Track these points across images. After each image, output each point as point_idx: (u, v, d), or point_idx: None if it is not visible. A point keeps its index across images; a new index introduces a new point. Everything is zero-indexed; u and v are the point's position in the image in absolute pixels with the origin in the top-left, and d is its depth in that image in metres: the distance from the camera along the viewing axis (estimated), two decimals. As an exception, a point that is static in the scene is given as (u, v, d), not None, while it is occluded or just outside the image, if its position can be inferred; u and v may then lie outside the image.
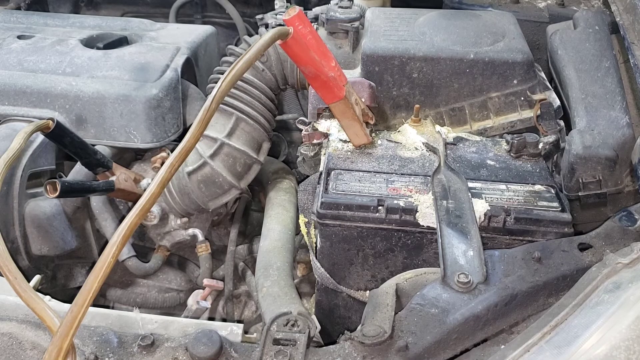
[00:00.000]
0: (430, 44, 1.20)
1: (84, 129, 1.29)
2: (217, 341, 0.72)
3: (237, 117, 1.25)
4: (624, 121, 1.06)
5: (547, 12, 1.50)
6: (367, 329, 0.73)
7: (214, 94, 0.64)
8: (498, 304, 0.75)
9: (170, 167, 0.61)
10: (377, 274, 1.00)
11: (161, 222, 1.32)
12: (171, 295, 1.38)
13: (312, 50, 0.93)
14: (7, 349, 0.74)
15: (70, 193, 1.12)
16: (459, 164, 1.05)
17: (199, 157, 1.25)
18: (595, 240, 0.85)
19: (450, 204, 0.91)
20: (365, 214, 0.94)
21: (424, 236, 0.95)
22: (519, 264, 0.80)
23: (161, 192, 0.61)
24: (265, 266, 1.10)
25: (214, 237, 1.47)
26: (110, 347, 0.74)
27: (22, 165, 1.17)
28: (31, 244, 1.22)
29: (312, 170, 1.22)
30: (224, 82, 0.64)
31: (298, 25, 0.91)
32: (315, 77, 0.97)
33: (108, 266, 0.56)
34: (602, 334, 0.64)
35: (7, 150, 0.88)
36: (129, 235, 0.58)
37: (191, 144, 0.62)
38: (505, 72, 1.18)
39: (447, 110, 1.21)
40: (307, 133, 1.18)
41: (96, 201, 1.29)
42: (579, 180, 1.04)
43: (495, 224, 0.93)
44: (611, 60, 1.16)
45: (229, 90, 0.66)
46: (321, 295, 1.06)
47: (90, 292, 0.56)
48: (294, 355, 0.71)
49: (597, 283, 0.71)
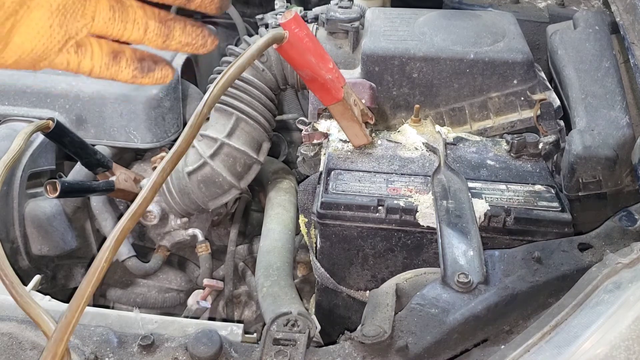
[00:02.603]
0: (430, 44, 1.20)
1: (84, 129, 1.29)
2: (217, 341, 0.72)
3: (237, 117, 1.25)
4: (624, 121, 1.06)
5: (547, 12, 1.50)
6: (367, 329, 0.73)
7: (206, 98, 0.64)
8: (498, 304, 0.75)
9: (162, 172, 0.60)
10: (377, 274, 1.00)
11: (161, 222, 1.32)
12: (171, 295, 1.38)
13: (308, 53, 0.93)
14: (7, 349, 0.74)
15: (70, 193, 1.12)
16: (459, 164, 1.05)
17: (199, 157, 1.25)
18: (595, 240, 0.85)
19: (450, 204, 0.91)
20: (365, 214, 0.94)
21: (424, 236, 0.95)
22: (519, 264, 0.80)
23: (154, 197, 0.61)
24: (265, 266, 1.10)
25: (214, 237, 1.47)
26: (110, 347, 0.74)
27: (22, 166, 1.17)
28: (31, 244, 1.22)
29: (312, 170, 1.22)
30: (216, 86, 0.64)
31: (294, 28, 0.91)
32: (313, 80, 0.97)
33: (101, 271, 0.56)
34: (602, 334, 0.64)
35: (8, 152, 0.88)
36: (122, 240, 0.58)
37: (183, 148, 0.62)
38: (505, 72, 1.18)
39: (447, 110, 1.21)
40: (307, 133, 1.18)
41: (96, 201, 1.30)
42: (579, 180, 1.04)
43: (495, 224, 0.93)
44: (611, 60, 1.16)
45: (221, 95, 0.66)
46: (321, 295, 1.06)
47: (84, 297, 0.56)
48: (294, 355, 0.71)
49: (597, 283, 0.71)
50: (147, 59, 0.49)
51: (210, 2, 0.49)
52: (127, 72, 0.48)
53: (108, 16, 0.45)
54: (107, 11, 0.45)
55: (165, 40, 0.49)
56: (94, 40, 0.46)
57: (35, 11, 0.41)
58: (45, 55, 0.43)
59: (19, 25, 0.40)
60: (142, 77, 0.49)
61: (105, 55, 0.47)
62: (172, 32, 0.49)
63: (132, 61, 0.48)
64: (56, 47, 0.43)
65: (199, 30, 0.50)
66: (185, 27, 0.49)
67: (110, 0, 0.45)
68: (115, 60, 0.47)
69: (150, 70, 0.49)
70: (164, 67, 0.50)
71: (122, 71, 0.48)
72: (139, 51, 0.49)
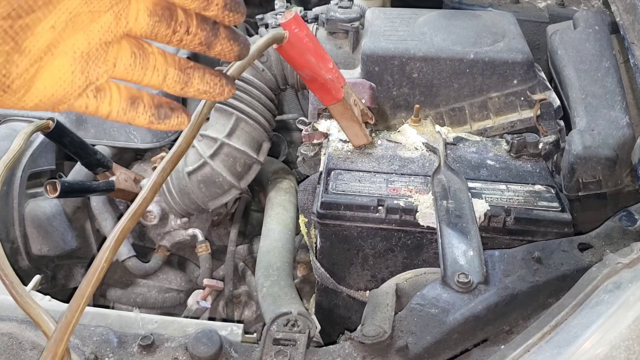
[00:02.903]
0: (430, 44, 1.20)
1: (84, 129, 1.29)
2: (217, 341, 0.72)
3: (237, 117, 1.25)
4: (624, 121, 1.06)
5: (547, 12, 1.50)
6: (367, 329, 0.73)
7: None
8: (498, 304, 0.75)
9: (162, 172, 0.61)
10: (377, 274, 1.00)
11: (161, 222, 1.32)
12: (171, 295, 1.38)
13: (308, 53, 0.93)
14: (7, 349, 0.74)
15: (70, 193, 1.12)
16: (459, 164, 1.05)
17: (199, 157, 1.25)
18: (595, 240, 0.85)
19: (450, 204, 0.91)
20: (365, 214, 0.94)
21: (424, 236, 0.95)
22: (519, 264, 0.80)
23: (154, 197, 0.61)
24: (265, 266, 1.10)
25: (214, 237, 1.47)
26: (110, 347, 0.74)
27: (22, 166, 1.17)
28: (31, 244, 1.22)
29: (312, 170, 1.22)
30: None
31: (294, 28, 0.91)
32: (313, 80, 0.97)
33: (101, 271, 0.56)
34: (602, 334, 0.64)
35: (8, 152, 0.88)
36: (122, 240, 0.58)
37: (183, 148, 0.62)
38: (505, 72, 1.18)
39: (447, 110, 1.21)
40: (307, 133, 1.18)
41: (96, 201, 1.30)
42: (579, 180, 1.04)
43: (495, 224, 0.93)
44: (611, 60, 1.16)
45: None
46: (321, 295, 1.06)
47: (83, 297, 0.56)
48: (294, 355, 0.71)
49: (597, 283, 0.71)
50: (164, 106, 0.50)
51: (230, 51, 0.50)
52: (144, 118, 0.49)
53: (129, 62, 0.45)
54: (128, 57, 0.45)
55: (184, 87, 0.49)
56: (113, 85, 0.47)
57: (60, 58, 0.41)
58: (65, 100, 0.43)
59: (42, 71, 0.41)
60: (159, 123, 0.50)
61: (123, 101, 0.47)
62: (190, 79, 0.49)
63: (149, 107, 0.49)
64: (76, 92, 0.43)
65: (217, 79, 0.51)
66: (204, 75, 0.50)
67: (132, 47, 0.45)
68: (133, 106, 0.48)
69: (166, 117, 0.50)
70: (180, 114, 0.51)
71: (139, 117, 0.49)
72: (156, 97, 0.50)
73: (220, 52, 0.50)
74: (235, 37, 0.50)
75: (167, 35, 0.46)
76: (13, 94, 0.41)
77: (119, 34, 0.44)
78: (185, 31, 0.46)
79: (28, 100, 0.42)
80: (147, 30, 0.45)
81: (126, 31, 0.44)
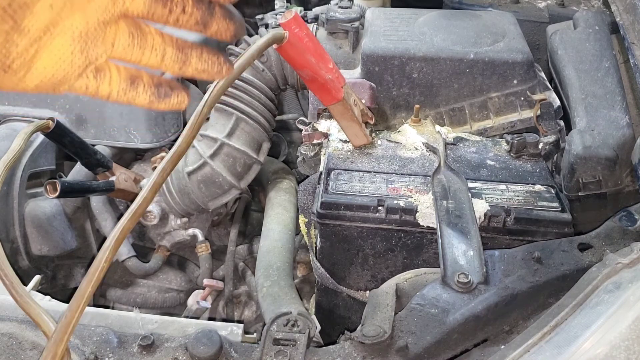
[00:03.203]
0: (430, 44, 1.20)
1: (84, 129, 1.29)
2: (217, 341, 0.72)
3: (237, 117, 1.25)
4: (624, 121, 1.06)
5: (547, 12, 1.50)
6: (367, 329, 0.73)
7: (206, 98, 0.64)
8: (498, 304, 0.75)
9: (162, 172, 0.61)
10: (377, 274, 1.00)
11: (161, 222, 1.32)
12: (171, 295, 1.38)
13: (308, 53, 0.93)
14: (7, 349, 0.74)
15: (70, 193, 1.12)
16: (459, 164, 1.05)
17: (198, 157, 1.25)
18: (595, 240, 0.85)
19: (450, 204, 0.91)
20: (365, 214, 0.94)
21: (424, 236, 0.95)
22: (519, 264, 0.80)
23: (154, 197, 0.61)
24: (265, 266, 1.10)
25: (214, 237, 1.47)
26: (110, 347, 0.74)
27: (22, 166, 1.17)
28: (31, 244, 1.22)
29: (312, 170, 1.22)
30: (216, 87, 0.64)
31: (294, 28, 0.91)
32: (313, 80, 0.97)
33: (101, 271, 0.56)
34: (602, 334, 0.64)
35: (8, 152, 0.88)
36: (122, 240, 0.58)
37: (183, 148, 0.62)
38: (505, 72, 1.18)
39: (447, 110, 1.21)
40: (307, 133, 1.18)
41: (96, 201, 1.30)
42: (579, 181, 1.04)
43: (495, 224, 0.93)
44: (611, 60, 1.16)
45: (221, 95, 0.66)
46: (321, 295, 1.06)
47: (84, 297, 0.56)
48: (294, 355, 0.71)
49: (597, 283, 0.71)
50: (163, 85, 0.50)
51: (226, 30, 0.50)
52: (144, 97, 0.49)
53: (127, 42, 0.46)
54: (126, 37, 0.46)
55: (182, 67, 0.50)
56: (112, 65, 0.47)
57: (59, 38, 0.42)
58: (65, 80, 0.44)
59: (42, 51, 0.41)
60: (159, 102, 0.50)
61: (123, 81, 0.48)
62: (188, 59, 0.50)
63: (149, 87, 0.49)
64: (76, 72, 0.44)
65: (215, 57, 0.52)
66: (202, 54, 0.51)
67: (130, 27, 0.46)
68: (133, 85, 0.48)
69: (166, 96, 0.51)
70: (179, 93, 0.52)
71: (139, 96, 0.49)
72: (156, 77, 0.50)
73: (216, 31, 0.50)
74: (230, 16, 0.50)
75: (163, 15, 0.46)
76: (14, 74, 0.41)
77: (117, 13, 0.44)
78: (182, 10, 0.46)
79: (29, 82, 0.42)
80: (143, 10, 0.45)
81: (123, 11, 0.44)
